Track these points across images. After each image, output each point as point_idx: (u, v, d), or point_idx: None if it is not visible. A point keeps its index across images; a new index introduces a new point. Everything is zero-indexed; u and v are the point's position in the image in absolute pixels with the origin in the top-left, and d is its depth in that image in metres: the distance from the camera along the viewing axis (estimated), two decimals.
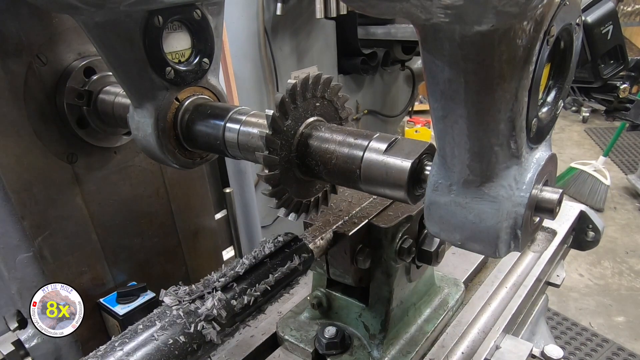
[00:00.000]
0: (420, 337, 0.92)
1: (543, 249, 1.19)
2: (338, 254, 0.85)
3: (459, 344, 0.92)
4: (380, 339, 0.89)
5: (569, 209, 1.32)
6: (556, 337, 3.10)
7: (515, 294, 1.06)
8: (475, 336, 0.94)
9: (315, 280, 0.98)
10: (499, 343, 0.94)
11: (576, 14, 0.62)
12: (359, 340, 0.92)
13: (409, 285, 0.92)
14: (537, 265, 1.14)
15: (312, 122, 0.79)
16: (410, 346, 0.90)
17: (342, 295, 0.94)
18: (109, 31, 0.82)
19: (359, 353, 0.90)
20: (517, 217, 0.61)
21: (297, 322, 0.98)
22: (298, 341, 0.94)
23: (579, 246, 1.36)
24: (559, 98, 0.68)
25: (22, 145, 1.03)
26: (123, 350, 0.59)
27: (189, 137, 0.97)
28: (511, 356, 0.92)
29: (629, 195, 4.94)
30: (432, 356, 0.90)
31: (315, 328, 0.95)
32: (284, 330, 0.97)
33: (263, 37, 2.43)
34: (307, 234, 0.83)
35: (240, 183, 1.98)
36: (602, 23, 1.22)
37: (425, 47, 0.51)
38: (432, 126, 0.62)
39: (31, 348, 1.10)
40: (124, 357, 0.58)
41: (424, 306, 0.98)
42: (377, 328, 0.89)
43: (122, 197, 1.25)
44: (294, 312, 1.01)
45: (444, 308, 0.99)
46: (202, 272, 0.70)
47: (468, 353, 0.91)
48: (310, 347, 0.92)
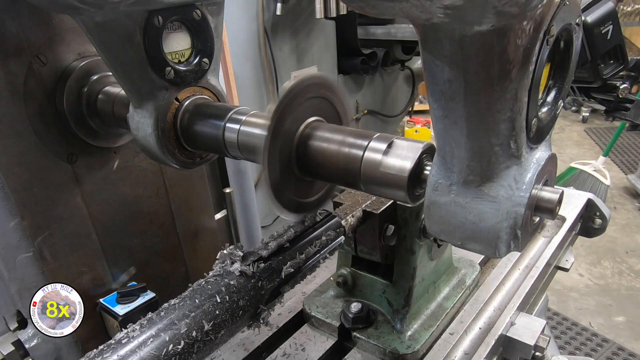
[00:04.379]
0: (440, 312, 0.97)
1: (553, 234, 1.24)
2: (366, 231, 0.90)
3: (477, 320, 0.97)
4: (404, 314, 0.94)
5: (577, 197, 1.37)
6: (556, 337, 3.10)
7: (527, 275, 1.11)
8: (491, 313, 0.99)
9: (340, 259, 1.03)
10: (513, 320, 0.99)
11: (576, 14, 0.62)
12: (383, 316, 0.96)
13: (430, 264, 0.96)
14: (547, 249, 1.19)
15: (312, 122, 0.79)
16: (431, 321, 0.95)
17: (367, 273, 0.99)
18: (109, 31, 0.82)
19: (383, 327, 0.94)
20: (517, 217, 0.61)
21: (323, 300, 1.03)
22: (324, 317, 0.98)
23: (586, 233, 1.40)
24: (559, 98, 0.68)
25: (22, 145, 1.03)
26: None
27: (189, 137, 0.97)
28: (526, 331, 0.96)
29: (629, 195, 4.94)
30: (452, 331, 0.95)
31: (340, 305, 1.00)
32: (310, 307, 1.01)
33: (263, 37, 2.43)
34: (338, 212, 0.87)
35: (240, 183, 1.98)
36: (602, 23, 1.22)
37: (425, 47, 0.51)
38: (432, 126, 0.62)
39: (31, 348, 1.10)
40: (188, 313, 0.64)
41: (443, 285, 1.03)
42: (401, 303, 0.94)
43: (122, 197, 1.25)
44: (319, 291, 1.06)
45: (461, 287, 1.04)
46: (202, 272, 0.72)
47: (485, 328, 0.95)
48: (336, 322, 0.97)
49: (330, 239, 0.81)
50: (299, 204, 0.82)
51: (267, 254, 0.73)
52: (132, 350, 0.58)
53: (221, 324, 0.66)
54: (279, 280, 0.73)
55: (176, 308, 0.65)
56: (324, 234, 0.81)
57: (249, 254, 0.73)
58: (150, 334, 0.60)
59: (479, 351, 0.91)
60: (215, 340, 0.66)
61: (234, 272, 0.70)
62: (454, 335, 0.93)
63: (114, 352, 0.58)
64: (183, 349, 0.61)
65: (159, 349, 0.59)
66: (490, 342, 0.92)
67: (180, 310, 0.64)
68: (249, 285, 0.69)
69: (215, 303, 0.66)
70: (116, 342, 0.60)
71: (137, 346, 0.59)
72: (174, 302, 0.66)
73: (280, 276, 0.73)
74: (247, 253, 0.73)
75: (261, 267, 0.71)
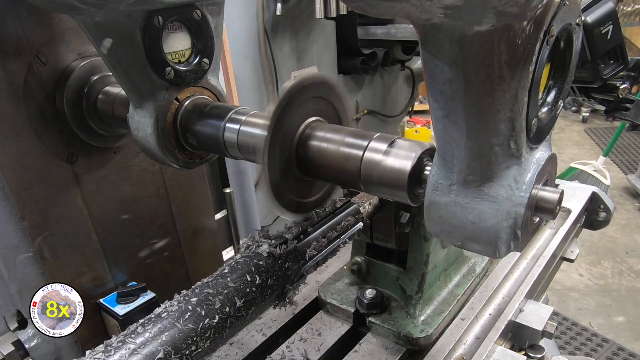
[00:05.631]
0: (451, 299, 1.01)
1: (559, 226, 1.28)
2: (382, 218, 0.93)
3: (487, 307, 1.01)
4: (417, 300, 0.97)
5: (582, 190, 1.41)
6: (556, 337, 3.10)
7: (535, 264, 1.14)
8: (500, 300, 1.03)
9: (355, 248, 1.06)
10: (522, 307, 1.03)
11: (576, 14, 0.62)
12: (396, 302, 1.00)
13: (442, 251, 0.99)
14: (553, 240, 1.23)
15: (312, 122, 0.79)
16: (443, 306, 0.99)
17: (381, 261, 1.02)
18: (109, 31, 0.82)
19: (397, 312, 0.98)
20: (517, 217, 0.61)
21: (337, 288, 1.06)
22: (340, 303, 1.01)
23: (590, 226, 1.44)
24: (559, 98, 0.68)
25: (22, 145, 1.03)
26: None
27: (189, 137, 0.97)
28: (534, 317, 1.00)
29: (629, 195, 4.93)
30: (463, 316, 0.98)
31: (354, 292, 1.03)
32: (325, 294, 1.04)
33: (263, 37, 2.43)
34: (356, 199, 0.90)
35: (240, 183, 1.98)
36: (602, 23, 1.22)
37: (425, 47, 0.51)
38: (432, 126, 0.62)
39: (31, 348, 1.10)
40: (221, 290, 0.69)
41: (454, 273, 1.06)
42: (414, 289, 0.97)
43: (122, 197, 1.25)
44: (333, 280, 1.09)
45: (471, 275, 1.07)
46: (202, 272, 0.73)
47: (495, 315, 0.99)
48: (351, 308, 0.99)
49: (350, 224, 0.86)
50: (298, 204, 0.82)
51: (292, 237, 0.77)
52: (171, 324, 0.63)
53: (252, 301, 0.71)
54: (303, 262, 0.77)
55: (209, 286, 0.70)
56: (344, 219, 0.85)
57: (276, 237, 0.77)
58: (187, 307, 0.66)
59: (490, 335, 0.94)
60: (246, 316, 0.71)
61: (262, 254, 0.74)
62: (465, 321, 0.97)
63: (154, 325, 0.63)
64: (217, 323, 0.66)
65: (195, 322, 0.65)
66: (500, 327, 0.95)
67: (213, 288, 0.69)
68: (276, 266, 0.74)
69: (246, 281, 0.71)
70: (156, 315, 0.65)
71: (176, 319, 0.64)
72: (207, 281, 0.71)
73: (304, 258, 0.77)
74: (274, 236, 0.77)
75: (287, 250, 0.76)
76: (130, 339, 0.61)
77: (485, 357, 0.90)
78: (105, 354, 0.59)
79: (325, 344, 0.95)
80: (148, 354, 0.59)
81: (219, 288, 0.69)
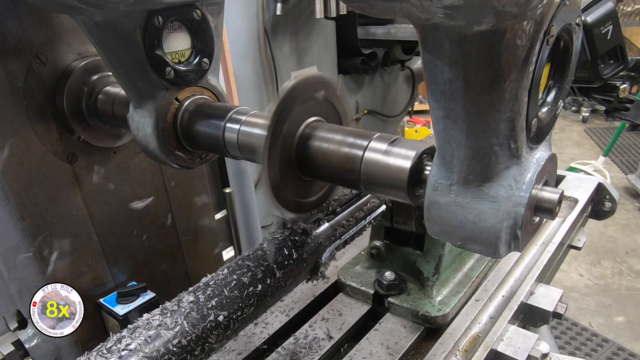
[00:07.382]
0: (466, 281, 1.06)
1: (566, 215, 1.34)
2: (402, 203, 0.95)
3: (500, 289, 1.06)
4: (434, 281, 1.02)
5: (588, 181, 1.47)
6: (556, 337, 3.10)
7: (544, 250, 1.20)
8: (512, 283, 1.08)
9: (374, 232, 1.11)
10: (533, 289, 1.08)
11: (576, 14, 0.62)
12: (413, 284, 1.05)
13: None
14: (562, 227, 1.29)
15: (312, 122, 0.79)
16: (458, 288, 1.04)
17: (399, 245, 1.08)
18: (109, 31, 0.82)
19: (415, 293, 1.03)
20: (517, 217, 0.61)
21: (356, 271, 1.11)
22: (359, 285, 1.06)
23: (596, 216, 1.49)
24: (559, 98, 0.68)
25: (22, 145, 1.03)
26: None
27: (189, 137, 0.97)
28: (544, 299, 1.05)
29: (629, 195, 4.93)
30: (477, 297, 1.04)
31: (372, 275, 1.09)
32: (345, 277, 1.09)
33: (263, 37, 2.43)
34: None
35: (240, 183, 1.98)
36: (602, 23, 1.22)
37: (425, 47, 0.51)
38: (432, 126, 0.62)
39: (31, 348, 1.10)
40: (262, 262, 0.77)
41: (468, 257, 1.11)
42: (431, 271, 1.02)
43: (122, 197, 1.25)
44: (352, 264, 1.14)
45: (484, 259, 1.12)
46: (202, 272, 0.74)
47: (507, 296, 1.04)
48: (370, 290, 1.05)
49: (375, 206, 0.93)
50: (298, 204, 0.82)
51: (324, 215, 0.84)
52: (220, 290, 0.71)
53: (289, 273, 0.78)
54: (333, 239, 0.84)
55: (250, 258, 0.77)
56: (369, 201, 0.92)
57: (309, 215, 0.83)
58: (232, 278, 0.73)
59: (504, 314, 0.99)
60: (284, 286, 0.78)
61: (297, 230, 0.81)
62: (479, 302, 1.02)
63: (206, 288, 0.72)
64: (260, 292, 0.74)
65: (240, 290, 0.72)
66: (513, 307, 1.00)
67: (253, 261, 0.76)
68: (310, 242, 0.81)
69: (284, 255, 0.78)
70: (204, 283, 0.73)
71: (223, 286, 0.72)
72: (248, 254, 0.78)
73: (335, 234, 0.84)
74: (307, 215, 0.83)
75: (321, 228, 0.83)
76: (182, 304, 0.69)
77: (499, 335, 0.93)
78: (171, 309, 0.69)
79: (346, 324, 1.00)
80: (201, 317, 0.68)
81: (260, 260, 0.76)
